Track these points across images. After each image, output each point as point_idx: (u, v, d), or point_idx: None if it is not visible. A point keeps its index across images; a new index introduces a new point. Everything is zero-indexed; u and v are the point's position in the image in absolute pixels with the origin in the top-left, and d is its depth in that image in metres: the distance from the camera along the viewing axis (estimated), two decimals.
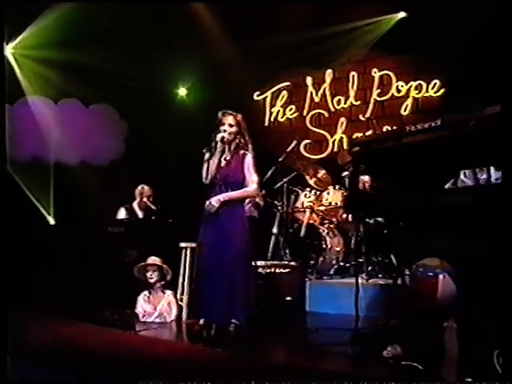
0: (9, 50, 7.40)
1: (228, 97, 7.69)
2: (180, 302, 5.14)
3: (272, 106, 8.43)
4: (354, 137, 7.62)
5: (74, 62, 7.13)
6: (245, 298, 3.96)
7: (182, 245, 5.20)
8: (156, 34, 7.57)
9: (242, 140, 4.16)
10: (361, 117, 7.69)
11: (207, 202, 4.12)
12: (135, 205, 6.40)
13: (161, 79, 8.32)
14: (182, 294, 5.16)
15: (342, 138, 7.84)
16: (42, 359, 3.79)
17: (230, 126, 4.10)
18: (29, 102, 7.19)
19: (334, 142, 7.91)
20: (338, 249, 5.95)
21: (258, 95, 8.47)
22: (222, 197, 4.08)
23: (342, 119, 7.82)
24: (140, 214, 6.33)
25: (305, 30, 7.45)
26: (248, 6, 7.22)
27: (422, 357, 3.44)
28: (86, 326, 4.70)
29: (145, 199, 6.28)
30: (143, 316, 5.09)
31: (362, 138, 4.59)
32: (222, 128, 4.10)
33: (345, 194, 6.12)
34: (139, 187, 6.38)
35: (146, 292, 5.14)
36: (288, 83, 8.32)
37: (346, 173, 6.04)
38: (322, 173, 6.55)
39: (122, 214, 6.25)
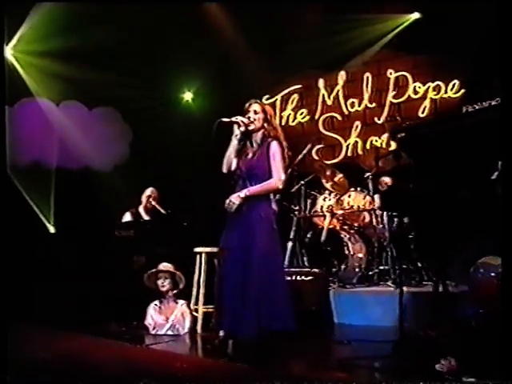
0: (8, 50, 6.99)
1: (236, 101, 7.39)
2: (194, 313, 4.71)
3: (282, 109, 8.05)
4: (368, 140, 7.33)
5: (76, 63, 6.82)
6: (275, 308, 3.51)
7: (197, 250, 4.79)
8: (161, 35, 7.24)
9: (270, 129, 3.75)
10: (376, 120, 7.34)
11: (227, 201, 3.68)
12: (141, 209, 6.02)
13: (166, 82, 8.02)
14: (197, 303, 4.73)
15: (356, 142, 7.47)
16: (41, 376, 3.28)
17: (255, 112, 3.71)
18: (28, 104, 6.77)
19: (348, 147, 7.55)
20: (360, 255, 5.58)
21: (267, 99, 8.00)
22: (243, 193, 3.65)
23: (357, 122, 7.44)
24: (147, 218, 5.94)
25: (315, 31, 7.11)
26: (257, 6, 6.91)
27: (482, 371, 2.93)
28: (90, 340, 4.20)
29: (153, 202, 5.91)
30: (154, 328, 4.64)
31: (409, 123, 4.08)
32: (246, 116, 3.74)
33: (367, 196, 5.78)
34: (147, 191, 6.02)
35: (156, 302, 4.72)
36: (299, 86, 7.96)
37: (368, 174, 5.73)
38: (339, 176, 6.18)
39: (127, 218, 5.85)
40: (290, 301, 3.61)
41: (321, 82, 7.79)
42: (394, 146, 6.89)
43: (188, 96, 8.65)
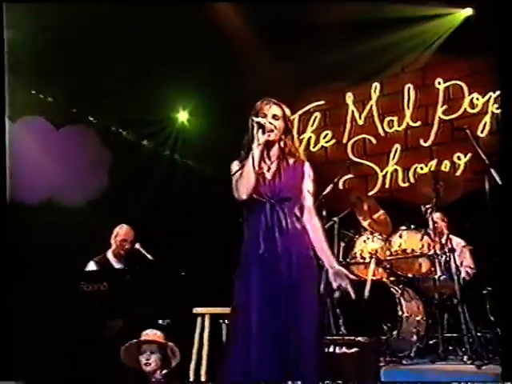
0: None
1: (242, 122, 6.86)
2: None
3: (301, 132, 7.63)
4: (412, 168, 6.88)
5: (42, 67, 6.18)
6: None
7: (198, 310, 4.27)
8: (150, 41, 6.71)
9: (290, 143, 3.24)
10: (422, 142, 6.89)
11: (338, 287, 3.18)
12: (110, 254, 5.53)
13: (157, 99, 7.43)
14: None
15: (395, 170, 7.04)
16: None
17: (275, 117, 3.17)
18: None
19: (385, 177, 7.10)
20: (418, 318, 4.90)
21: None
22: (335, 264, 3.14)
23: (396, 146, 7.03)
24: (118, 267, 5.48)
25: (342, 32, 6.69)
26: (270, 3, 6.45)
27: None
28: None
29: (137, 245, 5.36)
30: None
31: None
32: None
33: (425, 237, 5.05)
34: (116, 228, 5.62)
35: None
36: (322, 102, 7.60)
37: (427, 206, 5.05)
38: (380, 213, 5.66)
39: (91, 268, 5.36)
40: None
41: (349, 97, 7.44)
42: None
43: (183, 116, 8.16)
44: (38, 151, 6.35)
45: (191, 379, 4.13)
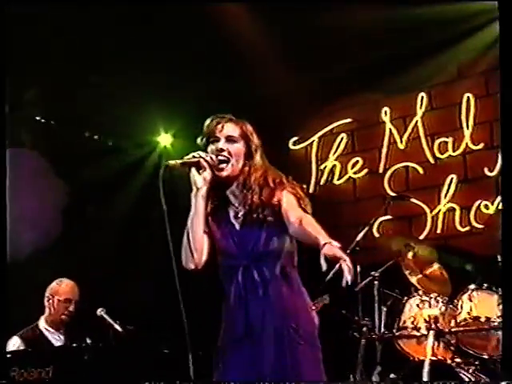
0: None
1: None
2: None
3: (322, 159, 7.59)
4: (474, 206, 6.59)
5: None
6: None
7: None
8: (128, 47, 6.79)
9: (254, 172, 3.11)
10: (486, 171, 6.52)
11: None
12: (43, 323, 5.33)
13: (132, 119, 7.53)
14: None
15: (452, 209, 6.76)
16: None
17: (230, 140, 3.08)
18: None
19: (435, 218, 6.81)
20: None
21: (295, 142, 7.69)
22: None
23: (451, 177, 6.75)
24: (56, 342, 5.24)
25: (375, 27, 6.46)
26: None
27: None
28: None
29: (102, 312, 5.07)
30: None
31: None
32: (212, 147, 3.10)
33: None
34: (53, 284, 5.46)
35: None
36: (349, 120, 7.44)
37: None
38: (435, 267, 5.55)
39: (15, 346, 5.04)
40: None
41: (386, 113, 7.27)
42: None
43: (165, 140, 8.24)
44: None
45: None
